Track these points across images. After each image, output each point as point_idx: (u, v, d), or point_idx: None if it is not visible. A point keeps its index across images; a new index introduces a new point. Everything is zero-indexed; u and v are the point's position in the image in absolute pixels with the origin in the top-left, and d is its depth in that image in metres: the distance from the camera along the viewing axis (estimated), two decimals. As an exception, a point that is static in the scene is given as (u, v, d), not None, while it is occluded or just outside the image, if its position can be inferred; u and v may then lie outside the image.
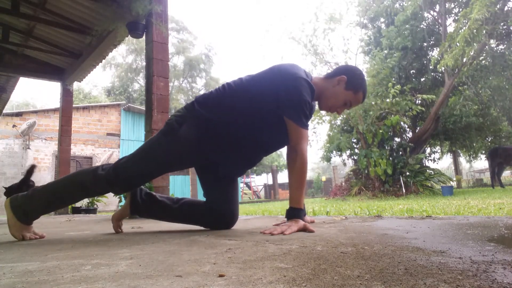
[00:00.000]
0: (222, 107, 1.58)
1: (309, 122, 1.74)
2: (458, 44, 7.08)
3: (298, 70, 1.57)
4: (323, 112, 9.82)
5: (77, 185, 1.64)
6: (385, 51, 9.64)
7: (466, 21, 7.25)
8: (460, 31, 7.38)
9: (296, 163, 1.54)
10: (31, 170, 2.54)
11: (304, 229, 1.44)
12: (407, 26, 9.29)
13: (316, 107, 1.83)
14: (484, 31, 7.03)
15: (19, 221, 1.62)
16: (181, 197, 1.88)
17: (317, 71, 10.27)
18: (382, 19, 11.27)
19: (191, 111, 1.60)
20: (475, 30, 6.79)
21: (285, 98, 1.53)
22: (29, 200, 1.63)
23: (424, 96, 8.42)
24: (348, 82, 1.65)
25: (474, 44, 7.17)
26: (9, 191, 2.88)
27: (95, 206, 6.46)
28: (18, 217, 1.61)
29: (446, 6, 9.68)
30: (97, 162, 12.79)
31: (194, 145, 1.59)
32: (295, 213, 1.53)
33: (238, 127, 1.59)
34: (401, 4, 10.61)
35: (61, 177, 1.74)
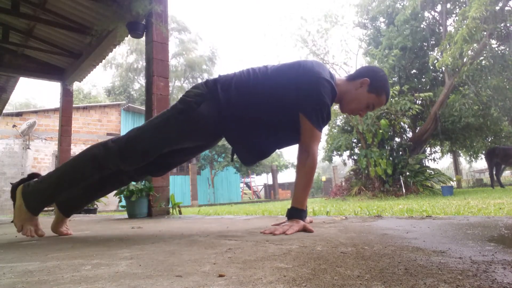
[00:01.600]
0: (245, 94, 1.54)
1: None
2: (456, 42, 7.08)
3: (322, 70, 1.54)
4: None
5: (88, 160, 1.59)
6: (386, 51, 9.64)
7: (465, 20, 7.25)
8: (458, 29, 7.38)
9: (306, 164, 1.51)
10: (33, 177, 2.48)
11: (304, 230, 1.44)
12: (407, 26, 9.29)
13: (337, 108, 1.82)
14: (484, 32, 7.03)
15: (28, 210, 1.60)
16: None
17: None
18: (382, 19, 11.27)
19: (212, 92, 1.55)
20: (474, 29, 6.80)
21: (305, 96, 1.50)
22: (40, 184, 1.61)
23: (422, 94, 8.41)
24: (371, 84, 1.62)
25: (474, 44, 7.17)
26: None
27: (95, 206, 6.46)
28: (27, 205, 1.59)
29: (447, 6, 9.68)
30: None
31: (211, 127, 1.56)
32: (297, 213, 1.52)
33: (257, 115, 1.55)
34: (402, 4, 10.61)
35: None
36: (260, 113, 1.55)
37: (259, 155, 1.69)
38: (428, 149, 11.94)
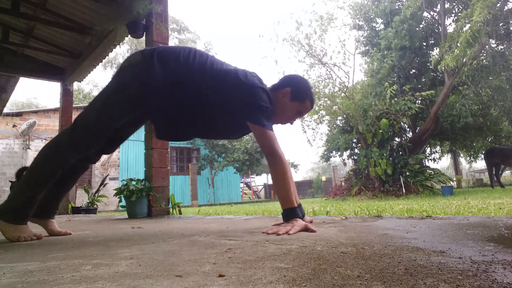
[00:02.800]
0: (178, 75, 1.55)
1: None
2: (459, 45, 7.07)
3: (257, 80, 1.59)
4: (323, 112, 9.81)
5: (47, 157, 1.60)
6: (385, 51, 9.64)
7: (467, 21, 7.24)
8: (460, 31, 7.37)
9: (277, 168, 1.53)
10: (19, 173, 2.45)
11: (305, 229, 1.43)
12: (405, 25, 9.29)
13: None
14: (485, 33, 7.02)
15: (9, 223, 1.55)
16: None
17: (315, 73, 10.25)
18: (379, 20, 11.27)
19: (148, 62, 1.54)
20: (477, 32, 6.79)
21: (243, 104, 1.54)
22: (12, 196, 1.59)
23: (423, 93, 8.40)
24: (292, 93, 1.67)
25: (476, 46, 7.16)
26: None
27: (95, 206, 6.46)
28: (5, 219, 1.55)
29: (446, 6, 9.68)
30: (97, 162, 12.79)
31: (144, 97, 1.57)
32: (292, 213, 1.53)
33: (189, 101, 1.58)
34: (399, 5, 10.61)
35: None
36: (189, 98, 1.58)
37: (172, 133, 1.74)
38: (428, 149, 11.93)
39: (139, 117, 1.76)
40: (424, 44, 10.60)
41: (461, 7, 9.67)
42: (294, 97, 1.67)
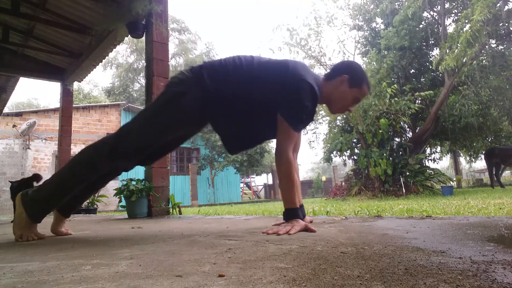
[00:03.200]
0: (233, 83, 1.55)
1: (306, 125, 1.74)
2: (459, 45, 7.07)
3: (306, 73, 1.55)
4: (322, 112, 9.81)
5: (84, 165, 1.58)
6: (385, 52, 9.64)
7: (467, 21, 7.24)
8: (460, 31, 7.37)
9: (281, 168, 1.53)
10: (34, 178, 2.43)
11: (306, 229, 1.44)
12: (405, 25, 9.29)
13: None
14: (485, 32, 7.02)
15: (29, 218, 1.58)
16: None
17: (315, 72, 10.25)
18: (379, 20, 11.27)
19: (198, 80, 1.54)
20: (477, 32, 6.79)
21: (286, 96, 1.51)
22: (39, 193, 1.59)
23: (423, 93, 8.40)
24: (350, 80, 1.63)
25: (476, 45, 7.16)
26: (12, 188, 2.84)
27: (95, 206, 6.46)
28: (28, 213, 1.57)
29: (446, 6, 9.68)
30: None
31: (197, 114, 1.57)
32: (293, 213, 1.53)
33: (244, 105, 1.57)
34: (399, 5, 10.61)
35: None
36: (247, 103, 1.57)
37: (245, 143, 1.72)
38: (428, 149, 11.93)
39: (186, 135, 1.78)
40: (424, 44, 10.59)
41: (461, 8, 9.67)
42: (353, 83, 1.62)
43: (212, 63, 1.61)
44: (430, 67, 9.48)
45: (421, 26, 10.19)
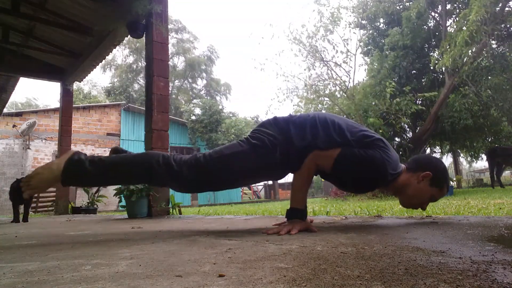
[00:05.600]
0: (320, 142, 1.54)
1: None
2: (457, 44, 7.09)
3: (391, 152, 1.53)
4: (320, 106, 9.81)
5: (144, 169, 1.52)
6: (386, 52, 9.65)
7: (465, 21, 7.25)
8: (458, 31, 7.39)
9: (306, 171, 1.53)
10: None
11: (306, 229, 1.44)
12: (409, 25, 9.31)
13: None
14: (483, 32, 7.03)
15: (61, 175, 1.43)
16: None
17: (316, 72, 10.26)
18: (382, 20, 11.26)
19: (285, 134, 1.55)
20: (474, 32, 6.80)
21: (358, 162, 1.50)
22: (91, 164, 1.47)
23: (426, 94, 8.40)
24: (433, 178, 1.57)
25: (474, 45, 7.18)
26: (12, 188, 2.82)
27: (95, 206, 6.46)
28: (64, 171, 1.43)
29: (447, 7, 9.68)
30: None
31: (283, 164, 1.58)
32: (297, 213, 1.52)
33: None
34: (400, 6, 10.61)
35: (134, 154, 1.63)
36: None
37: None
38: (428, 149, 11.93)
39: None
40: (426, 45, 10.60)
41: (463, 8, 9.68)
42: (435, 182, 1.57)
43: (300, 118, 1.62)
44: (431, 67, 9.47)
45: (424, 26, 10.20)
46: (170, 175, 1.51)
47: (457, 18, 9.70)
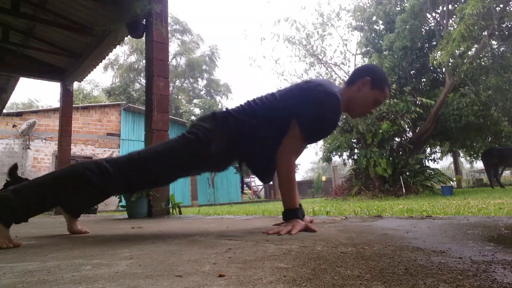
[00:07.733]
0: (258, 122, 1.57)
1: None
2: (454, 39, 7.08)
3: (332, 87, 1.56)
4: None
5: (74, 179, 1.45)
6: (385, 52, 9.64)
7: (462, 15, 7.24)
8: (455, 26, 7.39)
9: (284, 168, 1.54)
10: (12, 171, 2.18)
11: (306, 229, 1.44)
12: (407, 26, 9.29)
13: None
14: (484, 32, 7.03)
15: (0, 222, 1.35)
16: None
17: (315, 72, 10.27)
18: (380, 21, 11.26)
19: (224, 128, 1.55)
20: (471, 26, 6.78)
21: (308, 108, 1.51)
22: (16, 194, 1.38)
23: (424, 100, 8.41)
24: (372, 81, 1.62)
25: (474, 45, 7.17)
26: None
27: (95, 206, 6.46)
28: (1, 218, 1.35)
29: (449, 8, 9.67)
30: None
31: (221, 157, 1.59)
32: (293, 213, 1.53)
33: (265, 135, 1.59)
34: (400, 6, 10.60)
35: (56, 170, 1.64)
36: (267, 132, 1.58)
37: (272, 169, 1.72)
38: (428, 149, 11.93)
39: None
40: (426, 45, 10.59)
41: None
42: (374, 85, 1.63)
43: (237, 110, 1.63)
44: (431, 67, 9.47)
45: (424, 26, 10.18)
46: (107, 178, 1.45)
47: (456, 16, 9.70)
